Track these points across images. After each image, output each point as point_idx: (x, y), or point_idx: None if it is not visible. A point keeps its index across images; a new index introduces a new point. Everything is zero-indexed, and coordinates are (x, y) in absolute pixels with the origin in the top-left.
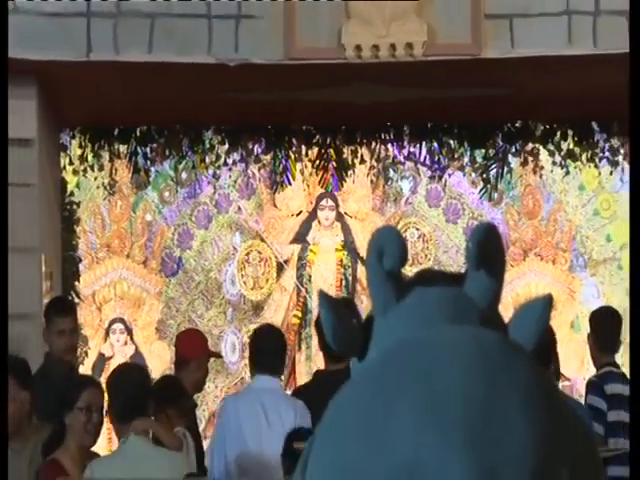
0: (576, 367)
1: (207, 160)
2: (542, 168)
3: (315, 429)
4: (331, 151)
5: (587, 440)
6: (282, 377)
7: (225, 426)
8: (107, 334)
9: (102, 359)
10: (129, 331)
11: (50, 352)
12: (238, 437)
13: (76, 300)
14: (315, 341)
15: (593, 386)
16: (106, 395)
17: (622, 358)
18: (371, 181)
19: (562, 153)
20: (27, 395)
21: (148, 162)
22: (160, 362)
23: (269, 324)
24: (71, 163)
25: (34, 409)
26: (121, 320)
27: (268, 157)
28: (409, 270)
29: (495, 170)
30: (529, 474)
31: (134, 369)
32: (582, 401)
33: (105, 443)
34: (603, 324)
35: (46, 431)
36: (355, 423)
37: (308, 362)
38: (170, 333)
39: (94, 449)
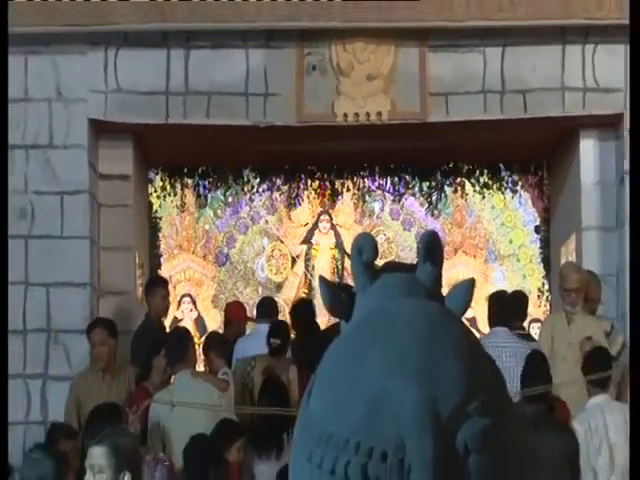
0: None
1: (245, 189)
2: (467, 194)
3: (316, 370)
4: (327, 183)
5: (497, 376)
6: None
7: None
8: (179, 304)
9: (176, 321)
10: (194, 302)
11: (149, 313)
12: None
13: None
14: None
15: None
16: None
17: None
18: (354, 203)
19: (480, 185)
20: (114, 342)
21: (206, 190)
22: (214, 323)
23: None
24: (155, 191)
25: (131, 353)
26: (189, 295)
27: (286, 187)
28: (379, 262)
29: (435, 196)
30: (458, 397)
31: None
32: None
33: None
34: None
35: (127, 368)
36: (341, 365)
37: None
38: (221, 303)
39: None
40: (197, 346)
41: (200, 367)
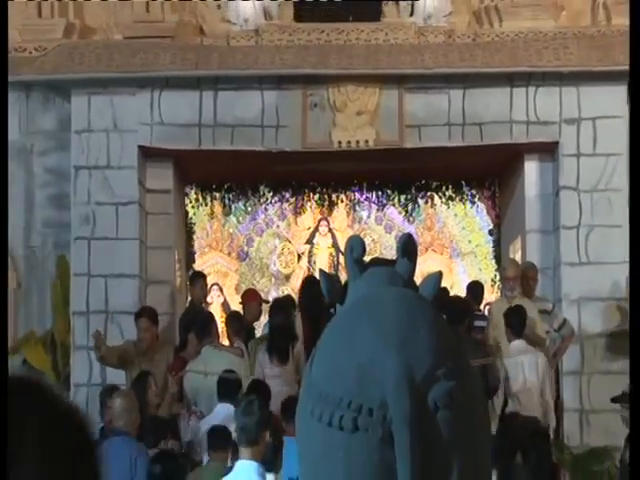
0: None
1: (261, 201)
2: (435, 205)
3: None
4: (326, 196)
5: (459, 348)
6: None
7: None
8: (209, 291)
9: (206, 305)
10: (221, 290)
11: (192, 300)
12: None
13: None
14: None
15: None
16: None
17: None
18: (346, 212)
19: (445, 197)
20: (156, 328)
21: (231, 202)
22: (237, 306)
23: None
24: (190, 202)
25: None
26: (217, 284)
27: (293, 199)
28: (366, 258)
29: (411, 206)
30: (429, 364)
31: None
32: None
33: None
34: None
35: (167, 349)
36: (336, 339)
37: None
38: (242, 291)
39: None
40: (222, 324)
41: (225, 341)
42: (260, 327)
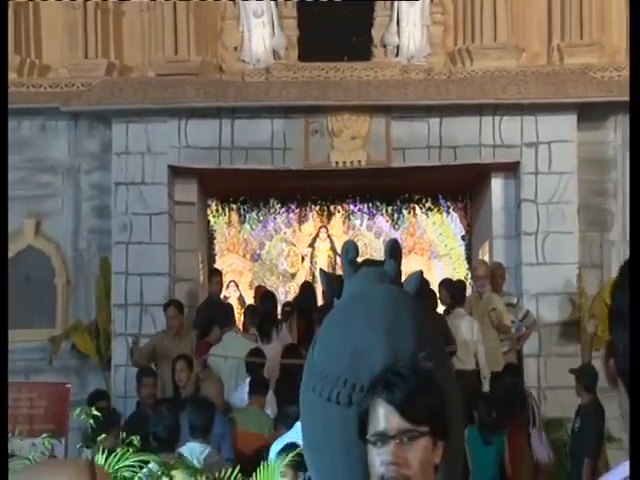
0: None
1: (271, 211)
2: (417, 215)
3: (317, 332)
4: (325, 207)
5: (436, 335)
6: None
7: None
8: (227, 287)
9: (225, 299)
10: (237, 286)
11: (210, 293)
12: None
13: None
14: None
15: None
16: None
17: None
18: (342, 221)
19: (425, 208)
20: (182, 316)
21: (245, 212)
22: (251, 300)
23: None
24: (211, 212)
25: (196, 318)
26: (233, 281)
27: (297, 210)
28: (359, 259)
29: (396, 215)
30: (411, 349)
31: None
32: None
33: None
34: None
35: (191, 334)
36: (334, 327)
37: None
38: (254, 287)
39: None
40: (239, 315)
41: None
42: None
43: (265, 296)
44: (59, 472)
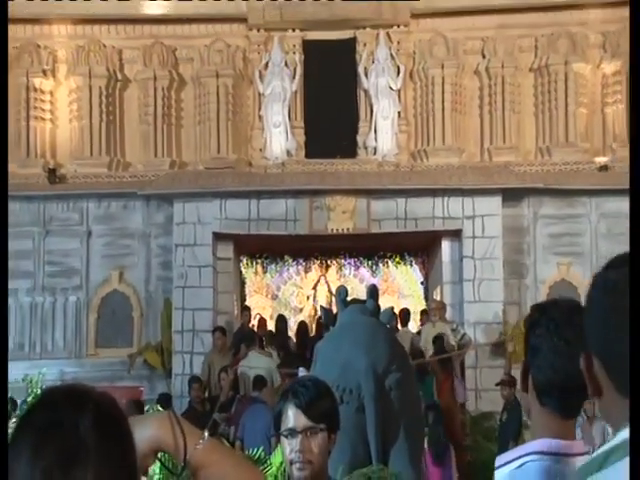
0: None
1: (285, 264)
2: (389, 266)
3: (315, 351)
4: (324, 262)
5: (405, 354)
6: None
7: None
8: (254, 318)
9: (253, 327)
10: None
11: (242, 323)
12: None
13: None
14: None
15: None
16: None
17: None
18: (336, 271)
19: (395, 262)
20: (225, 338)
21: (267, 265)
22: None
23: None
24: (243, 265)
25: (232, 341)
26: (259, 314)
27: (304, 263)
28: (348, 299)
29: (374, 267)
30: (385, 363)
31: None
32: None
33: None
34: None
35: (229, 350)
36: (329, 347)
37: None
38: (274, 319)
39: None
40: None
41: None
42: None
43: (279, 319)
44: (144, 423)
